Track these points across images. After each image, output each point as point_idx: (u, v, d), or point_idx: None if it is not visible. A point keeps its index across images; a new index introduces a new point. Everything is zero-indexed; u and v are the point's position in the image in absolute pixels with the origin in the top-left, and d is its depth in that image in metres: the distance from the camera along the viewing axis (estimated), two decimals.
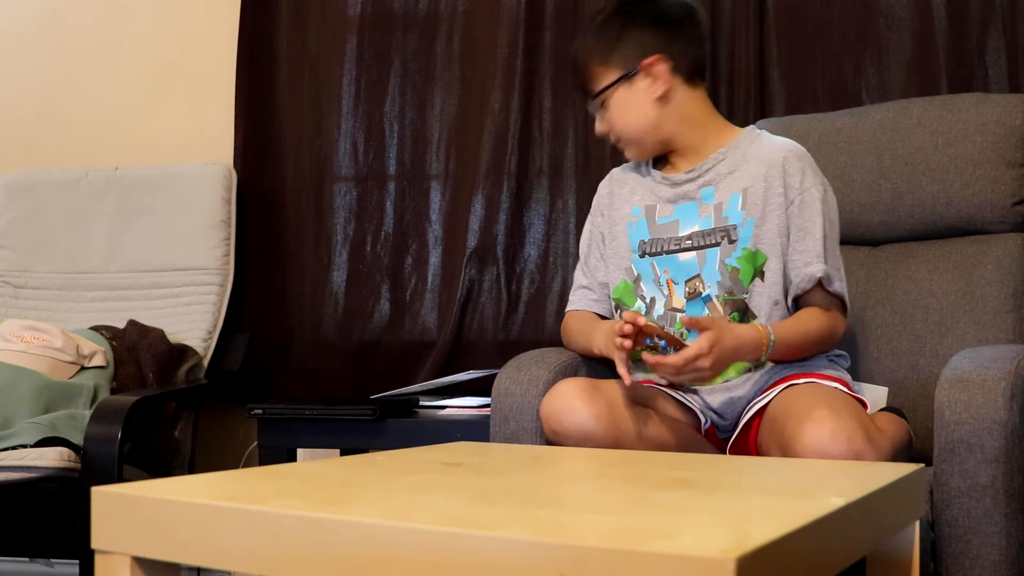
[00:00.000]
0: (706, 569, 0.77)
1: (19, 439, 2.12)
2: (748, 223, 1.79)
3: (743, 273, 1.79)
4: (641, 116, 1.83)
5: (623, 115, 1.84)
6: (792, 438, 1.53)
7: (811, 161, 1.84)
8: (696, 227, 1.82)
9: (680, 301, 1.81)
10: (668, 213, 1.86)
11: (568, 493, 1.12)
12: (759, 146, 1.84)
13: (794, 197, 1.78)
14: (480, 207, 2.78)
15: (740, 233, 1.79)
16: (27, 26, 3.19)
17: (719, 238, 1.80)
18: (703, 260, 1.80)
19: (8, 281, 2.90)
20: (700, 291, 1.80)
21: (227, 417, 2.86)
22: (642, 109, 1.83)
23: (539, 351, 1.92)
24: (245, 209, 2.91)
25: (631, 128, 1.85)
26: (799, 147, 1.85)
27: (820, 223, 1.77)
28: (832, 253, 1.80)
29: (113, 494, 1.05)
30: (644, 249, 1.86)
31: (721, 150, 1.85)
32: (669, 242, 1.84)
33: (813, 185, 1.79)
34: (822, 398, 1.60)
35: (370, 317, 2.86)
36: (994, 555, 1.48)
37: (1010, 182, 2.08)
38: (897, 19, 2.50)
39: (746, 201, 1.80)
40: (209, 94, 3.02)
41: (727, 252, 1.79)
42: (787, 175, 1.79)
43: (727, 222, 1.80)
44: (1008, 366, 1.54)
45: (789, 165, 1.80)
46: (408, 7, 2.87)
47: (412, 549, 0.88)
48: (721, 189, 1.82)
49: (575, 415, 1.64)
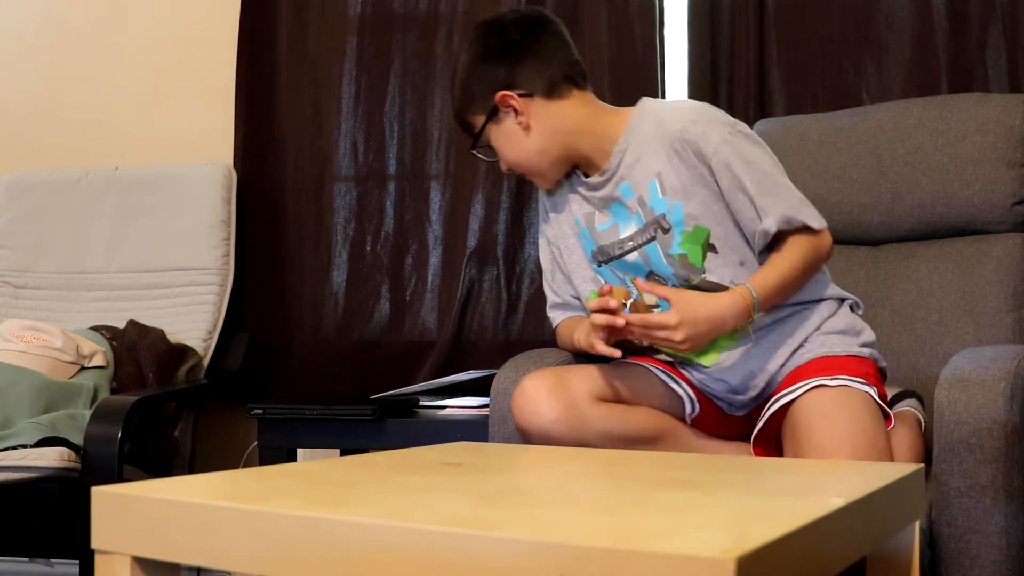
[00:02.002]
0: (706, 569, 0.77)
1: (19, 439, 2.12)
2: (675, 206, 1.73)
3: (692, 256, 1.73)
4: (522, 148, 1.80)
5: (507, 151, 1.81)
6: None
7: (707, 113, 1.75)
8: (632, 226, 1.78)
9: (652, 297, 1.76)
10: (606, 219, 1.82)
11: (568, 493, 1.12)
12: (654, 123, 1.76)
13: (709, 162, 1.71)
14: (480, 207, 2.78)
15: (671, 219, 1.73)
16: (27, 26, 3.19)
17: (653, 232, 1.75)
18: (647, 257, 1.77)
19: (8, 281, 2.90)
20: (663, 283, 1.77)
21: (227, 417, 2.86)
22: (519, 141, 1.80)
23: (539, 351, 1.92)
24: (245, 209, 2.91)
25: (521, 161, 1.81)
26: (691, 107, 1.78)
27: (746, 177, 1.69)
28: (771, 192, 1.69)
29: (113, 494, 1.05)
30: (597, 258, 1.84)
31: (620, 143, 1.78)
32: (613, 247, 1.81)
33: (720, 139, 1.70)
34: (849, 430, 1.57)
35: (370, 317, 2.86)
36: (994, 555, 1.48)
37: (1010, 182, 2.08)
38: (897, 19, 2.50)
39: (664, 185, 1.73)
40: (209, 94, 3.02)
41: (666, 243, 1.74)
42: (692, 144, 1.71)
43: (654, 213, 1.74)
44: (1008, 366, 1.54)
45: (688, 135, 1.72)
46: (408, 7, 2.87)
47: (412, 549, 0.88)
48: (636, 181, 1.76)
49: (535, 417, 1.66)
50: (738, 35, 2.59)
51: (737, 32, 2.60)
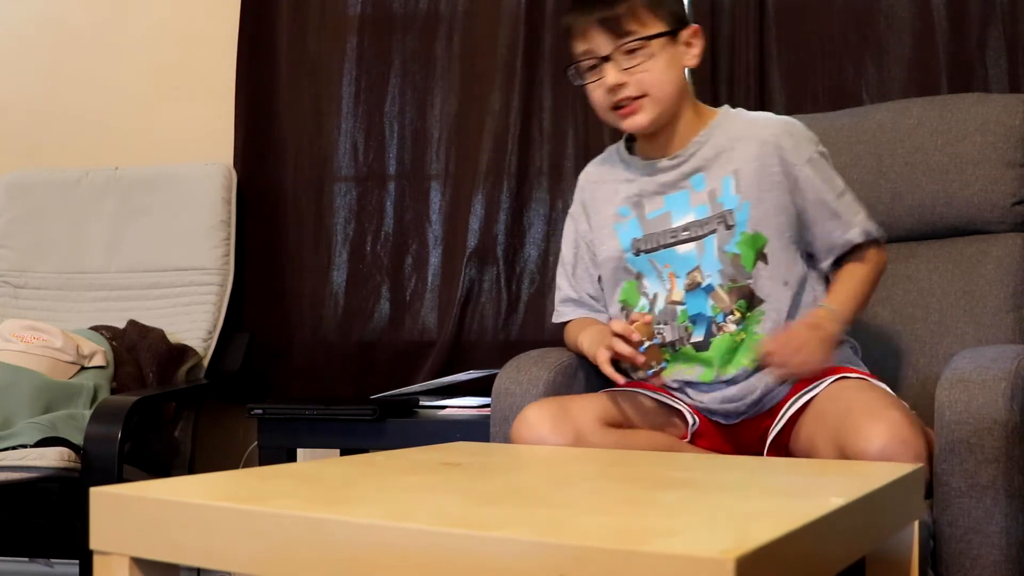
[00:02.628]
0: (706, 569, 0.77)
1: (19, 439, 2.12)
2: (744, 206, 1.73)
3: (744, 258, 1.73)
4: (676, 79, 1.75)
5: (662, 74, 1.72)
6: (856, 432, 1.48)
7: (798, 127, 1.79)
8: (691, 217, 1.77)
9: (680, 293, 1.76)
10: (658, 205, 1.80)
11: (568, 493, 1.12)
12: (743, 125, 1.79)
13: (796, 172, 1.74)
14: (480, 207, 2.78)
15: (736, 217, 1.73)
16: (27, 26, 3.19)
17: (716, 225, 1.75)
18: (701, 250, 1.75)
19: (8, 281, 2.90)
20: (699, 282, 1.75)
21: (227, 417, 2.86)
22: (677, 72, 1.76)
23: (539, 351, 1.92)
24: (245, 209, 2.91)
25: (665, 88, 1.74)
26: (784, 119, 1.81)
27: (829, 189, 1.76)
28: (851, 208, 1.78)
29: (112, 494, 1.05)
30: (638, 247, 1.81)
31: (703, 132, 1.79)
32: (664, 235, 1.78)
33: (809, 154, 1.76)
34: (888, 400, 1.58)
35: (370, 317, 2.86)
36: (994, 555, 1.48)
37: (1010, 182, 2.08)
38: (897, 19, 2.50)
39: (739, 183, 1.74)
40: (209, 94, 3.02)
41: (725, 239, 1.74)
42: (782, 152, 1.75)
43: (723, 207, 1.75)
44: (1008, 366, 1.54)
45: (782, 142, 1.75)
46: (408, 7, 2.87)
47: (412, 549, 0.88)
48: (712, 174, 1.77)
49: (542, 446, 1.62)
50: (738, 35, 2.59)
51: (737, 32, 2.60)
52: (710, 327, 1.75)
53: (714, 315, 1.74)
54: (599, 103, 1.77)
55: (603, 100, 1.76)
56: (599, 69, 1.74)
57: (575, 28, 1.75)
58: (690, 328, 1.75)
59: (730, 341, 1.73)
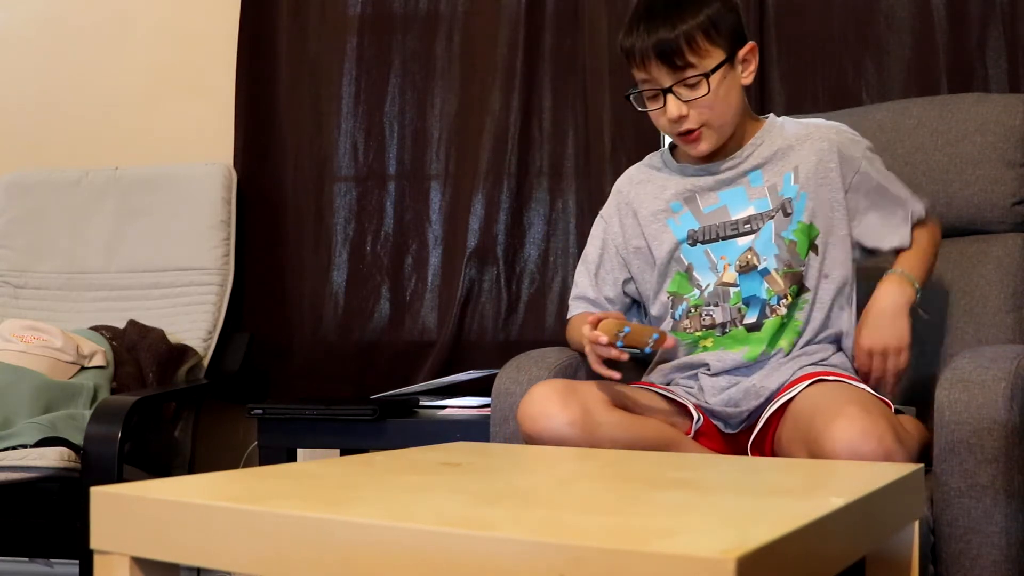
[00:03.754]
0: (706, 569, 0.77)
1: (19, 439, 2.12)
2: (802, 196, 1.79)
3: (800, 246, 1.78)
4: (736, 102, 1.78)
5: (721, 101, 1.75)
6: (821, 434, 1.50)
7: (850, 129, 1.88)
8: (751, 210, 1.81)
9: (732, 275, 1.79)
10: (712, 201, 1.84)
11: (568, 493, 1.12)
12: (799, 128, 1.86)
13: (857, 166, 1.81)
14: (480, 207, 2.78)
15: (795, 206, 1.79)
16: (28, 26, 3.19)
17: (775, 212, 1.80)
18: (757, 235, 1.80)
19: (8, 281, 2.90)
20: (755, 264, 1.78)
21: (227, 417, 2.86)
22: (736, 96, 1.79)
23: (539, 351, 1.92)
24: (245, 209, 2.91)
25: (725, 116, 1.77)
26: (836, 123, 1.88)
27: (887, 180, 1.84)
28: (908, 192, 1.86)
29: (112, 494, 1.05)
30: (696, 237, 1.83)
31: (757, 135, 1.85)
32: (724, 227, 1.82)
33: (864, 156, 1.83)
34: (852, 396, 1.59)
35: (370, 317, 2.86)
36: (994, 555, 1.48)
37: (1010, 182, 2.08)
38: (897, 19, 2.50)
39: (798, 176, 1.80)
40: (209, 94, 3.03)
41: (782, 225, 1.78)
42: (842, 147, 1.82)
43: (783, 197, 1.80)
44: (1008, 366, 1.54)
45: (842, 137, 1.83)
46: (408, 7, 2.87)
47: (412, 549, 0.88)
48: (771, 170, 1.82)
49: (550, 420, 1.61)
50: None
51: None
52: (764, 309, 1.78)
53: (768, 298, 1.78)
54: (664, 129, 1.83)
55: (667, 128, 1.81)
56: (659, 98, 1.77)
57: (634, 57, 1.76)
58: (743, 309, 1.79)
59: (779, 322, 1.78)
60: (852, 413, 1.50)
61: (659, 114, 1.78)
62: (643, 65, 1.75)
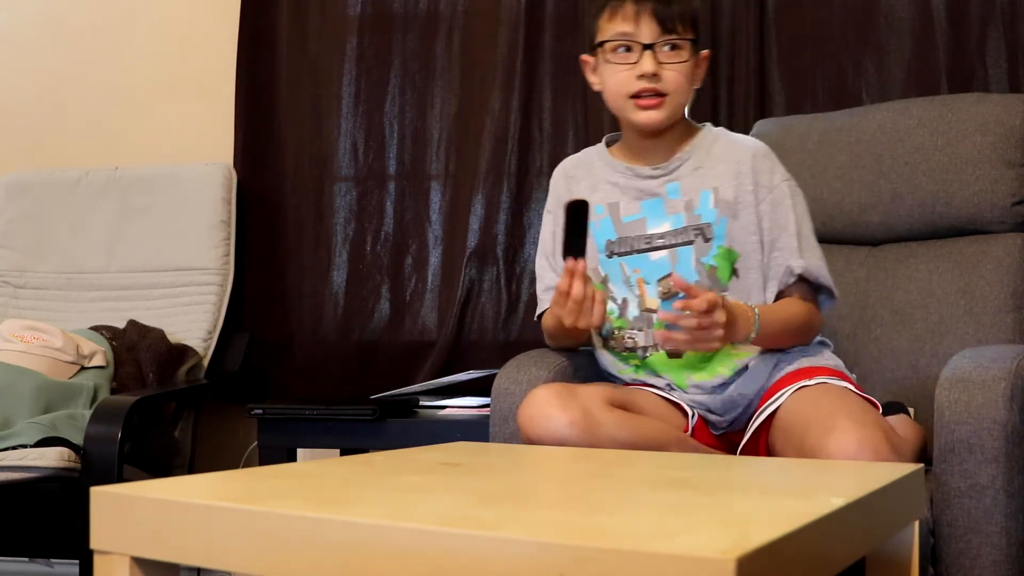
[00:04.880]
0: (706, 569, 0.77)
1: (19, 439, 2.12)
2: (722, 221, 1.77)
3: (720, 271, 1.77)
4: (690, 89, 1.80)
5: (686, 77, 1.77)
6: (816, 448, 1.51)
7: (775, 157, 1.84)
8: (667, 225, 1.80)
9: (654, 301, 1.79)
10: (634, 211, 1.83)
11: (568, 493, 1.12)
12: (723, 145, 1.83)
13: (765, 195, 1.78)
14: (480, 207, 2.78)
15: (715, 231, 1.77)
16: (28, 26, 3.19)
17: (693, 236, 1.78)
18: (675, 259, 1.78)
19: (8, 281, 2.90)
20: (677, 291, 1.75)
21: (227, 417, 2.86)
22: (690, 84, 1.80)
23: (539, 351, 1.91)
24: (245, 209, 2.91)
25: (684, 93, 1.78)
26: (763, 144, 1.85)
27: (793, 218, 1.78)
28: (808, 244, 1.79)
29: (112, 494, 1.05)
30: (612, 249, 1.83)
31: (687, 148, 1.83)
32: (639, 240, 1.81)
33: (783, 181, 1.80)
34: (840, 405, 1.59)
35: (370, 317, 2.86)
36: (994, 555, 1.48)
37: (1010, 182, 2.08)
38: (897, 19, 2.50)
39: (717, 199, 1.78)
40: (209, 94, 3.02)
41: (703, 250, 1.77)
42: (756, 173, 1.79)
43: (700, 220, 1.78)
44: (1008, 366, 1.54)
45: (758, 163, 1.80)
46: (408, 7, 2.87)
47: (412, 549, 0.88)
48: (688, 186, 1.80)
49: (550, 422, 1.61)
50: (738, 35, 2.59)
51: (737, 32, 2.60)
52: None
53: None
54: (619, 88, 1.78)
55: (626, 86, 1.77)
56: (633, 53, 1.75)
57: (624, 8, 1.75)
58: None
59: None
60: (846, 427, 1.50)
61: (626, 69, 1.76)
62: (630, 18, 1.74)
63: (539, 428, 1.63)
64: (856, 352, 2.11)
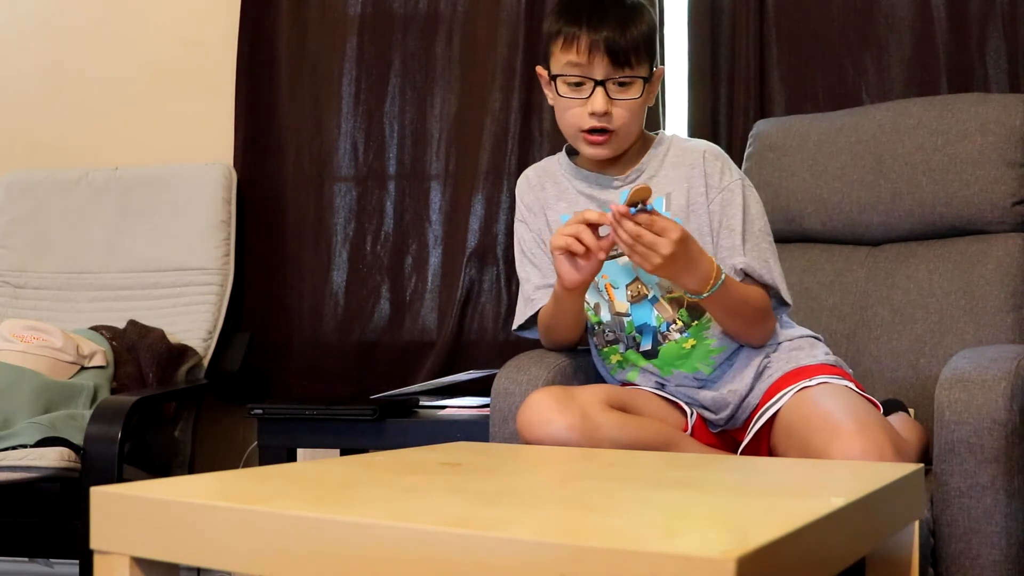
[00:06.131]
0: (706, 569, 0.77)
1: (19, 439, 2.12)
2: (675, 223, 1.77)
3: None
4: (642, 118, 1.80)
5: (635, 113, 1.76)
6: (820, 453, 1.51)
7: (727, 158, 1.83)
8: None
9: (624, 305, 1.80)
10: None
11: (568, 493, 1.12)
12: (675, 152, 1.83)
13: (715, 195, 1.78)
14: (480, 207, 2.78)
15: None
16: (27, 26, 3.19)
17: None
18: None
19: (8, 281, 2.90)
20: (644, 294, 1.80)
21: (227, 417, 2.86)
22: (642, 113, 1.80)
23: (539, 351, 1.92)
24: (245, 209, 2.91)
25: (633, 128, 1.78)
26: (714, 145, 1.85)
27: (740, 217, 1.77)
28: (756, 243, 1.77)
29: (112, 494, 1.05)
30: None
31: (643, 160, 1.83)
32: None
33: (732, 181, 1.79)
34: (844, 407, 1.59)
35: (370, 317, 2.86)
36: (994, 555, 1.48)
37: (1010, 182, 2.08)
38: (897, 19, 2.50)
39: (671, 204, 1.80)
40: (209, 94, 3.02)
41: None
42: (708, 175, 1.79)
43: None
44: (1008, 366, 1.54)
45: (708, 164, 1.79)
46: (408, 7, 2.87)
47: (412, 549, 0.88)
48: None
49: (549, 426, 1.62)
50: (738, 35, 2.59)
51: (737, 32, 2.60)
52: (656, 336, 1.79)
53: (658, 325, 1.79)
54: (572, 121, 1.78)
55: (578, 120, 1.76)
56: (585, 88, 1.75)
57: (578, 42, 1.72)
58: (638, 338, 1.80)
59: (677, 348, 1.78)
60: (850, 430, 1.50)
61: (578, 104, 1.75)
62: (583, 52, 1.72)
63: (538, 433, 1.63)
64: (856, 352, 2.11)
